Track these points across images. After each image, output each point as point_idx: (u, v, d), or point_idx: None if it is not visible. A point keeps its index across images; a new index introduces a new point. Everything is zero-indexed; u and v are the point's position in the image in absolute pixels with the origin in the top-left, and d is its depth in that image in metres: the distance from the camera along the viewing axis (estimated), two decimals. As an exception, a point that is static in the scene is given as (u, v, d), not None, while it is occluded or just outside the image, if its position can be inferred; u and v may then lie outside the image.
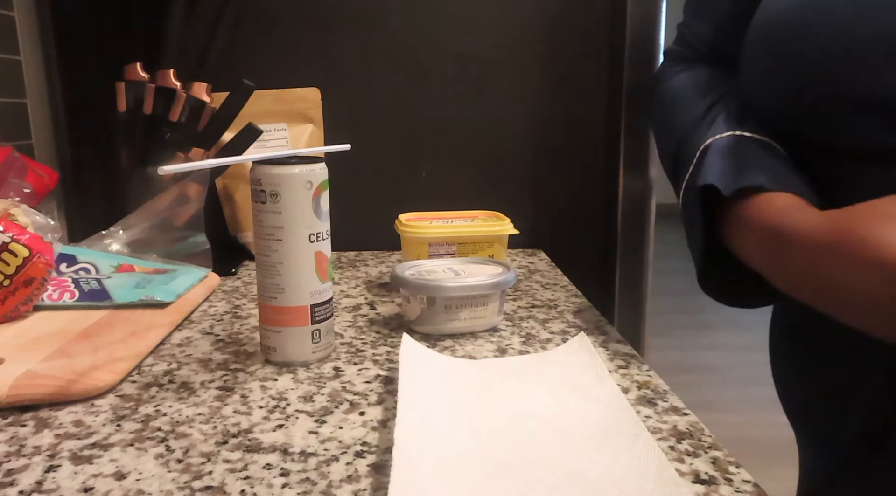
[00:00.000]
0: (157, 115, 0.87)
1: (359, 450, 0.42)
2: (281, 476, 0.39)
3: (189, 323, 0.67)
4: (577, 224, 1.04)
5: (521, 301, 0.74)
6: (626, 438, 0.40)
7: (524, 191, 1.02)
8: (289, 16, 0.95)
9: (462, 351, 0.59)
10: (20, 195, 0.78)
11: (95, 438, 0.43)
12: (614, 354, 0.58)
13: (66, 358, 0.53)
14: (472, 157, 1.01)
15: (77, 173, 1.00)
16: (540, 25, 0.98)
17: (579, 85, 1.00)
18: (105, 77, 0.90)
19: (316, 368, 0.55)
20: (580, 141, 1.02)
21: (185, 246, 0.80)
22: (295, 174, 0.52)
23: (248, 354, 0.58)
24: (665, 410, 0.47)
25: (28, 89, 0.93)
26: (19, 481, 0.38)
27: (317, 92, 0.96)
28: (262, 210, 0.53)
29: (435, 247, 0.77)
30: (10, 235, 0.61)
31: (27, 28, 0.93)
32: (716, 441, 0.43)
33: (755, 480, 0.38)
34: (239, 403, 0.48)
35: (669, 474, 0.36)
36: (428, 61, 0.98)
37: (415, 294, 0.62)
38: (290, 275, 0.53)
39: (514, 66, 0.99)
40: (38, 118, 0.95)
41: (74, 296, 0.67)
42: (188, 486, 0.38)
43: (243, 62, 0.95)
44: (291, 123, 0.95)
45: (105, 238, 0.78)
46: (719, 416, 2.30)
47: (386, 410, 0.47)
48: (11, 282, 0.61)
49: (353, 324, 0.66)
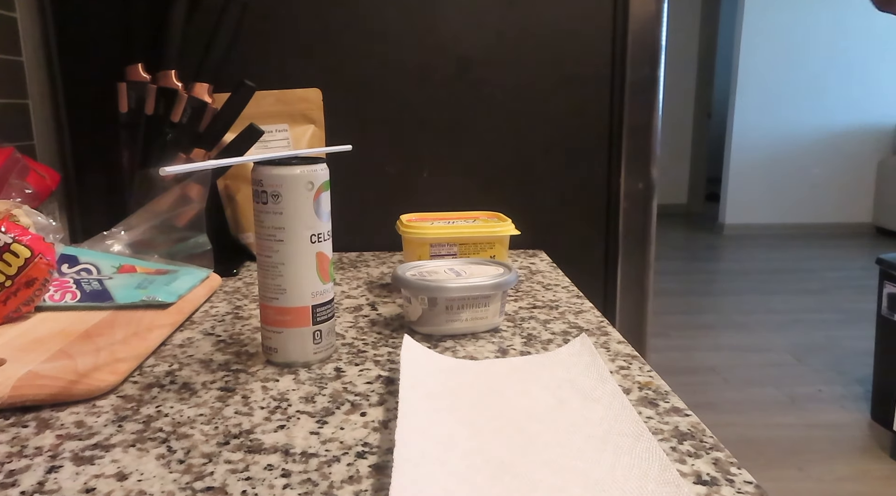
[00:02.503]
0: (158, 115, 0.88)
1: (360, 450, 0.42)
2: (282, 477, 0.39)
3: (190, 323, 0.67)
4: (579, 225, 1.04)
5: (523, 302, 0.74)
6: (628, 439, 0.40)
7: (525, 191, 1.02)
8: (290, 16, 0.96)
9: (463, 351, 0.59)
10: (22, 196, 0.78)
11: (97, 439, 0.43)
12: (616, 355, 0.58)
13: (67, 358, 0.53)
14: (474, 157, 1.01)
15: (79, 174, 1.00)
16: (541, 25, 0.98)
17: (581, 85, 1.00)
18: (106, 78, 0.90)
19: (317, 369, 0.55)
20: (581, 141, 1.02)
21: (186, 246, 0.80)
22: (296, 175, 0.52)
23: (249, 355, 0.58)
24: (666, 411, 0.47)
25: (30, 90, 0.93)
26: (21, 482, 0.38)
27: (318, 93, 0.96)
28: (264, 211, 0.53)
29: (436, 247, 0.77)
30: (11, 236, 0.61)
31: (29, 29, 0.93)
32: (717, 442, 0.43)
33: (756, 481, 0.38)
34: (240, 404, 0.49)
35: (671, 475, 0.36)
36: (429, 62, 0.98)
37: (416, 295, 0.62)
38: (292, 275, 0.53)
39: (515, 66, 0.99)
40: (40, 119, 0.95)
41: (76, 296, 0.67)
42: (189, 487, 0.38)
43: (244, 63, 0.95)
44: (293, 124, 0.95)
45: (107, 239, 0.79)
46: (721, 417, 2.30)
47: (387, 411, 0.47)
48: (13, 282, 0.61)
49: (354, 325, 0.66)
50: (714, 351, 2.92)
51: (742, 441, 2.15)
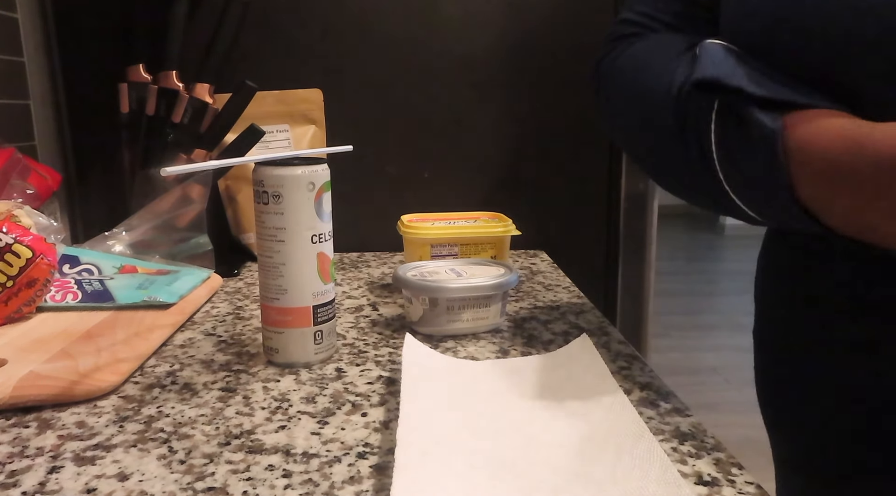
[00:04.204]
0: (159, 116, 0.88)
1: (361, 451, 0.42)
2: (283, 477, 0.39)
3: (191, 324, 0.67)
4: (580, 225, 1.04)
5: (524, 302, 0.74)
6: (629, 439, 0.40)
7: (526, 192, 1.02)
8: (291, 17, 0.96)
9: (464, 352, 0.59)
10: (23, 196, 0.78)
11: (98, 439, 0.43)
12: (616, 355, 0.57)
13: (68, 359, 0.53)
14: (474, 157, 1.01)
15: (80, 175, 1.00)
16: (541, 26, 0.98)
17: (581, 85, 1.00)
18: (108, 78, 0.90)
19: (318, 369, 0.55)
20: (582, 141, 1.02)
21: (187, 247, 0.80)
22: (297, 175, 0.52)
23: (250, 355, 0.58)
24: (667, 412, 0.47)
25: (31, 91, 0.94)
26: (22, 482, 0.39)
27: (319, 93, 0.96)
28: (265, 211, 0.53)
29: (437, 248, 0.77)
30: (13, 237, 0.61)
31: (30, 29, 0.93)
32: (718, 442, 0.42)
33: (758, 482, 0.38)
34: (241, 404, 0.49)
35: (672, 475, 0.36)
36: (430, 62, 0.98)
37: (417, 295, 0.62)
38: (293, 276, 0.53)
39: (516, 66, 0.99)
40: (41, 119, 0.95)
41: (77, 297, 0.67)
42: (191, 488, 0.38)
43: (246, 63, 0.95)
44: (294, 124, 0.95)
45: (108, 239, 0.79)
46: (722, 418, 2.30)
47: (388, 411, 0.47)
48: (14, 283, 0.61)
49: (355, 326, 0.66)
50: (715, 351, 2.91)
51: (743, 441, 2.14)
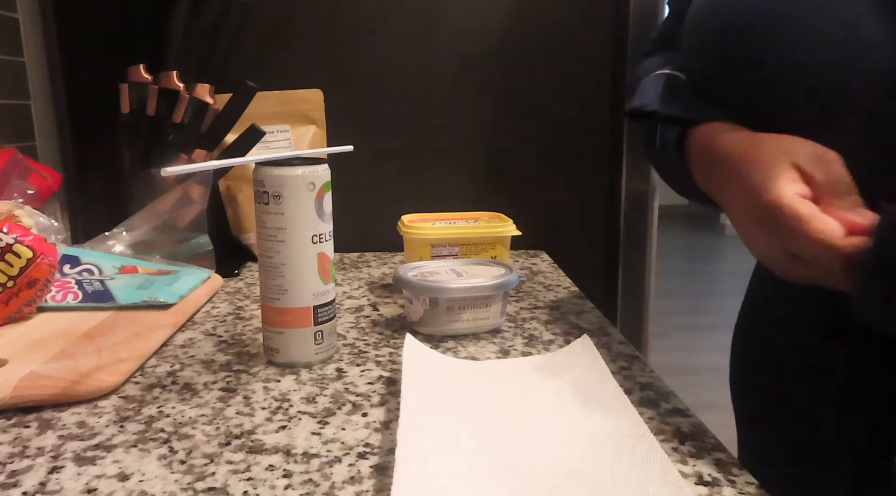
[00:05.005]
0: (160, 116, 0.88)
1: (361, 451, 0.42)
2: (284, 477, 0.39)
3: (192, 324, 0.67)
4: (580, 225, 1.04)
5: (524, 302, 0.74)
6: (629, 440, 0.40)
7: (527, 192, 1.02)
8: (292, 17, 0.96)
9: (465, 352, 0.59)
10: (24, 197, 0.78)
11: (99, 439, 0.43)
12: (617, 356, 0.57)
13: (69, 359, 0.53)
14: (475, 158, 1.01)
15: (80, 175, 1.00)
16: (542, 26, 0.98)
17: (582, 86, 1.00)
18: (108, 79, 0.90)
19: (318, 369, 0.55)
20: (583, 142, 1.02)
21: (188, 247, 0.80)
22: (298, 175, 0.52)
23: (250, 355, 0.58)
24: (668, 412, 0.47)
25: (32, 91, 0.94)
26: (23, 482, 0.39)
27: (320, 93, 0.96)
28: (265, 211, 0.53)
29: (437, 248, 0.77)
30: (13, 237, 0.61)
31: (31, 30, 0.93)
32: (719, 442, 0.42)
33: (758, 482, 0.38)
34: (242, 404, 0.49)
35: (672, 476, 0.36)
36: (430, 62, 0.98)
37: (417, 295, 0.62)
38: (293, 276, 0.53)
39: (516, 67, 0.99)
40: (42, 120, 0.95)
41: (78, 297, 0.67)
42: (191, 488, 0.38)
43: (246, 64, 0.95)
44: (294, 125, 0.95)
45: (108, 239, 0.79)
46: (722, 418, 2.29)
47: (388, 411, 0.47)
48: (15, 283, 0.61)
49: (355, 326, 0.66)
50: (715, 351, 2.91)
51: (744, 442, 2.14)
